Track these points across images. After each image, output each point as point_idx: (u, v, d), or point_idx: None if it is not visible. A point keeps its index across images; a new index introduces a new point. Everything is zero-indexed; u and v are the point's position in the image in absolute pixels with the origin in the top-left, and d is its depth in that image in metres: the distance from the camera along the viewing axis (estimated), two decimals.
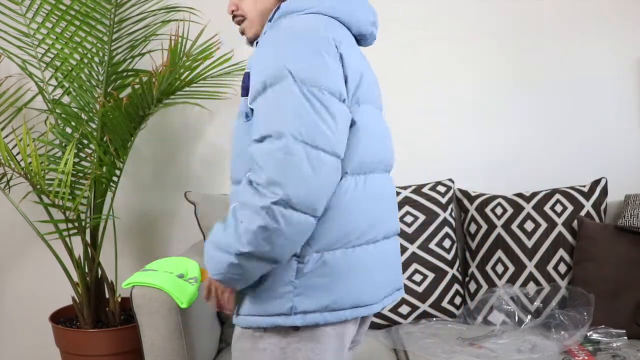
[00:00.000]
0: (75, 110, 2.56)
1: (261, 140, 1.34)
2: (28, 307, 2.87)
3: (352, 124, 1.42)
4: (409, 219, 2.46)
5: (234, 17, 1.58)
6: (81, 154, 2.54)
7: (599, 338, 2.22)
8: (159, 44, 2.64)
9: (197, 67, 2.45)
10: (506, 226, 2.49)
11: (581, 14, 2.74)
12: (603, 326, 2.24)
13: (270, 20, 1.51)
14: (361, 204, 1.45)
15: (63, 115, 2.54)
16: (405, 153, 2.53)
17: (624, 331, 2.23)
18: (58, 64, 2.54)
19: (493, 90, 2.78)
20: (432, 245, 2.47)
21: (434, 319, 2.43)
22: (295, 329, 1.45)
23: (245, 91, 1.44)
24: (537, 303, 2.40)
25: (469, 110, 2.78)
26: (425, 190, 2.54)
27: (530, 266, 2.44)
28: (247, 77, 1.43)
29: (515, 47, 2.75)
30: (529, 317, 2.37)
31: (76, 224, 2.48)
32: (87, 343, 2.48)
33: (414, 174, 2.68)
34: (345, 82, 1.41)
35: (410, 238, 2.45)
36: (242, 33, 1.59)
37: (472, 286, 2.50)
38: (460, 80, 2.75)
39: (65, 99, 2.60)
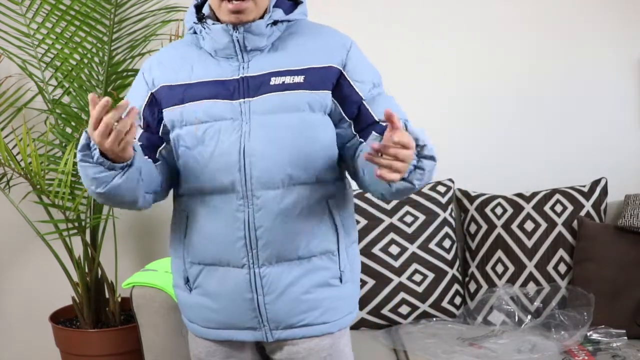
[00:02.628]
0: (75, 110, 2.56)
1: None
2: (28, 307, 2.87)
3: None
4: (409, 219, 2.46)
5: None
6: None
7: (599, 338, 2.22)
8: (159, 44, 2.64)
9: None
10: (506, 226, 2.49)
11: (581, 14, 2.73)
12: (603, 326, 2.24)
13: (271, 10, 1.47)
14: None
15: (63, 115, 2.54)
16: None
17: (624, 331, 2.23)
18: (58, 64, 2.54)
19: (493, 90, 2.78)
20: (432, 245, 2.46)
21: (434, 319, 2.43)
22: None
23: (324, 84, 1.45)
24: (537, 303, 2.40)
25: (469, 110, 2.78)
26: (425, 190, 2.54)
27: (530, 266, 2.44)
28: (325, 72, 1.45)
29: (514, 47, 2.75)
30: (529, 317, 2.37)
31: (76, 224, 2.48)
32: (87, 343, 2.48)
33: None
34: None
35: (410, 238, 2.45)
36: (236, 12, 1.40)
37: (472, 286, 2.50)
38: (460, 80, 2.75)
39: (65, 99, 2.60)
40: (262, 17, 1.45)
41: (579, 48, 2.74)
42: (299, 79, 1.43)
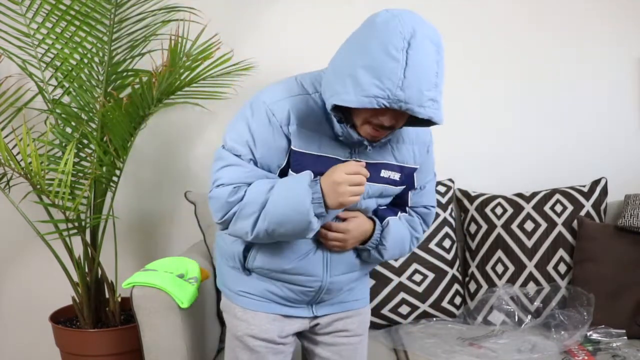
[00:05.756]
0: (75, 110, 2.56)
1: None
2: (28, 307, 2.87)
3: None
4: None
5: (386, 128, 1.56)
6: (81, 154, 2.54)
7: (599, 338, 2.22)
8: (159, 44, 2.64)
9: (197, 67, 2.45)
10: (506, 226, 2.49)
11: (581, 14, 2.74)
12: (603, 326, 2.25)
13: None
14: None
15: (63, 115, 2.54)
16: None
17: (624, 331, 2.23)
18: (58, 64, 2.54)
19: (493, 91, 2.78)
20: (432, 245, 2.47)
21: (434, 319, 2.43)
22: None
23: (409, 184, 1.77)
24: (537, 303, 2.40)
25: (469, 111, 2.78)
26: None
27: (530, 266, 2.44)
28: (410, 171, 1.74)
29: (515, 48, 2.75)
30: (529, 317, 2.37)
31: (76, 224, 2.48)
32: (87, 343, 2.48)
33: None
34: None
35: None
36: (374, 140, 1.60)
37: (472, 286, 2.50)
38: (461, 81, 2.75)
39: (65, 99, 2.60)
40: None
41: (580, 48, 2.75)
42: (397, 176, 1.71)
